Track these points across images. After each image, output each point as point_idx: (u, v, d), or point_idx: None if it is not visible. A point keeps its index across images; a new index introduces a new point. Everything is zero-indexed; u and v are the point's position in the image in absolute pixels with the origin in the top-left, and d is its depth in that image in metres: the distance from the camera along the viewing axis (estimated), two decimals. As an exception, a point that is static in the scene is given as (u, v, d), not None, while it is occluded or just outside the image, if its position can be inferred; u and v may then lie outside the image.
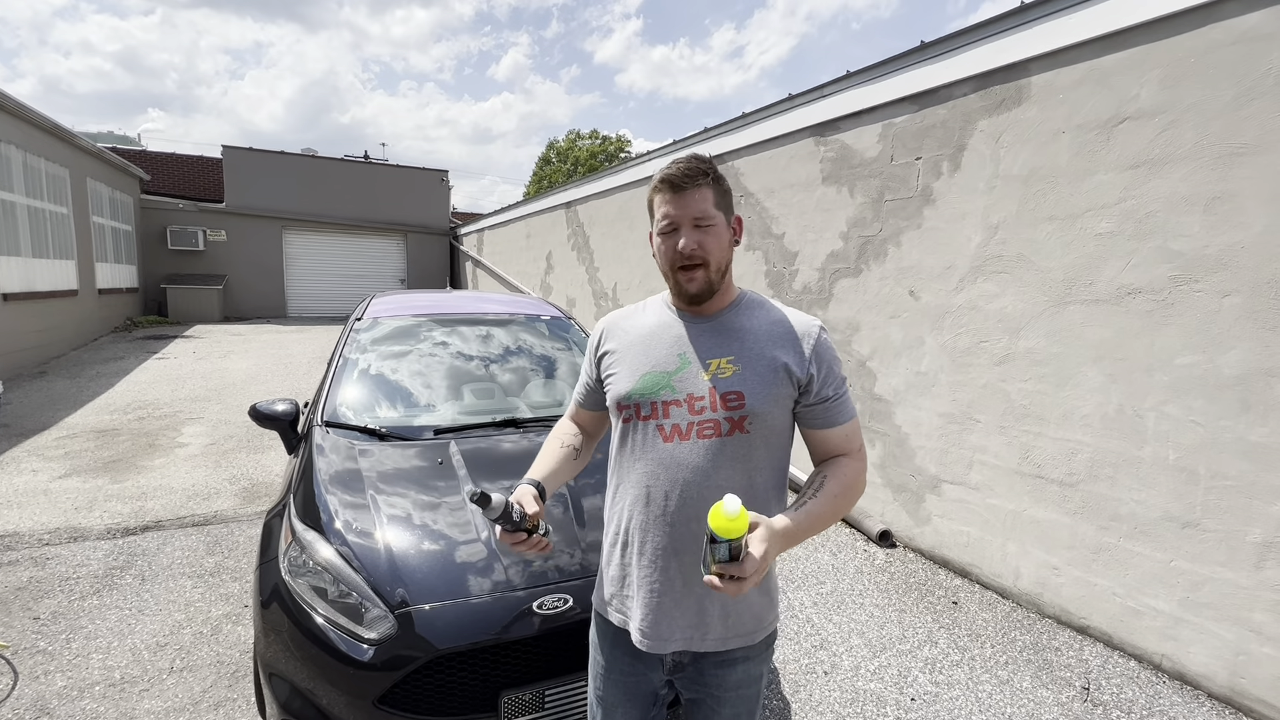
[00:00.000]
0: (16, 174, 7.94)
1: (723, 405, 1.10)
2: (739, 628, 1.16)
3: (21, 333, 7.77)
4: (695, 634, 1.14)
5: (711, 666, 1.17)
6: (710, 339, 1.16)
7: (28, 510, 3.76)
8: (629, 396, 1.17)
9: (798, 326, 1.16)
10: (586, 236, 8.54)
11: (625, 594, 1.19)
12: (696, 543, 1.11)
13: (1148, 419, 2.57)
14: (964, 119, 3.30)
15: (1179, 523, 2.49)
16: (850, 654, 2.66)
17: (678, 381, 1.14)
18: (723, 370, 1.12)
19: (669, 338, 1.19)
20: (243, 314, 14.96)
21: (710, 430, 1.11)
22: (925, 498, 3.58)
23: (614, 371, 1.22)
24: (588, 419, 1.38)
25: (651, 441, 1.14)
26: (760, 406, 1.10)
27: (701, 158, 1.14)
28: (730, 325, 1.17)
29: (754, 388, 1.11)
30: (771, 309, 1.20)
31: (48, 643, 2.52)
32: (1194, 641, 2.45)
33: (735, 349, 1.14)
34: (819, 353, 1.14)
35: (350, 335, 3.02)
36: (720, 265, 1.14)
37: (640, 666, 1.21)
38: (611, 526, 1.23)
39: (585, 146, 30.32)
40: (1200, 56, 2.39)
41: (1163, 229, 2.52)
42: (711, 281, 1.14)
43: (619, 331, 1.26)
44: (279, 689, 1.68)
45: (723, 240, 1.14)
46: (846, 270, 4.10)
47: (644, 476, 1.15)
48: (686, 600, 1.13)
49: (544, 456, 1.30)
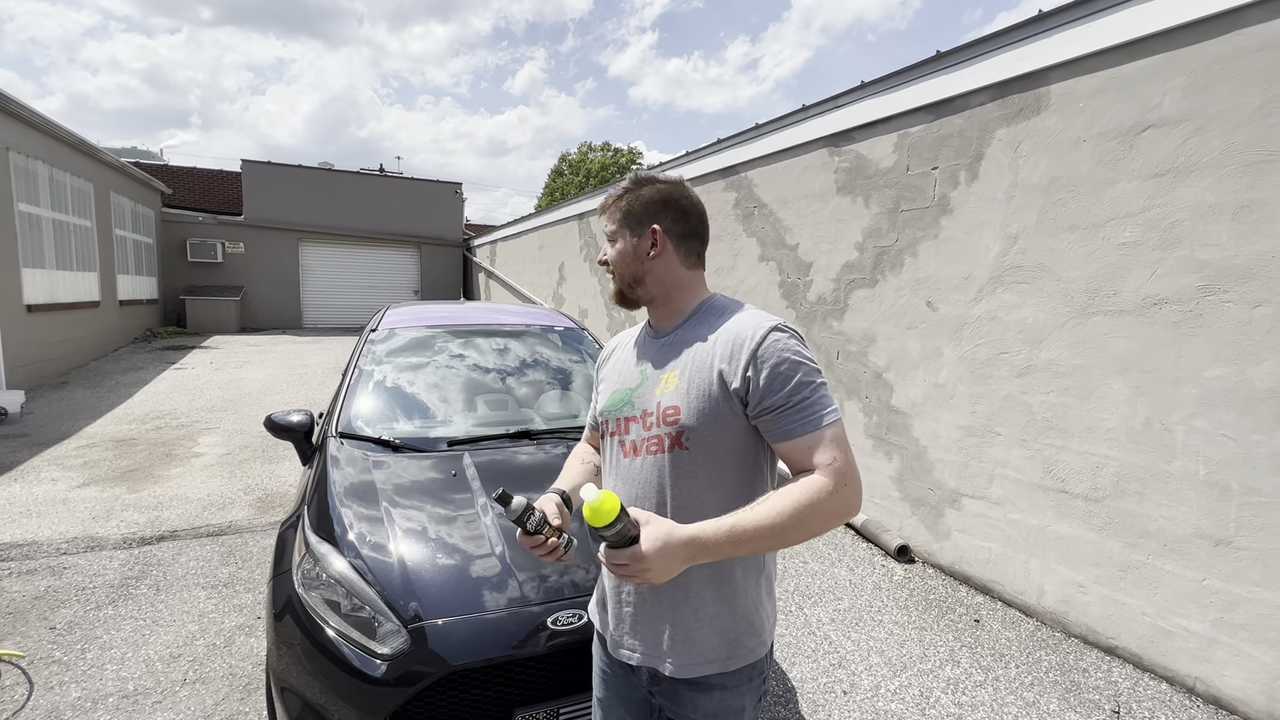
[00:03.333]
0: (43, 188, 8.13)
1: (663, 421, 1.10)
2: (707, 652, 1.09)
3: (44, 343, 7.91)
4: (653, 652, 1.12)
5: (685, 688, 1.11)
6: (664, 353, 1.17)
7: (46, 519, 3.80)
8: (602, 413, 1.24)
9: (742, 330, 1.07)
10: (599, 248, 8.56)
11: (602, 599, 1.24)
12: None
13: (1176, 433, 2.51)
14: (982, 128, 3.27)
15: (1211, 540, 2.41)
16: (870, 673, 2.59)
17: (638, 398, 1.16)
18: (668, 384, 1.12)
19: (636, 355, 1.24)
20: (259, 325, 15.15)
21: (655, 446, 1.11)
22: (944, 512, 3.51)
23: (599, 391, 1.31)
24: (597, 440, 1.39)
25: (616, 457, 1.18)
26: (693, 421, 1.05)
27: (619, 186, 1.22)
28: (682, 339, 1.16)
29: (689, 402, 1.07)
30: (727, 316, 1.12)
31: (63, 653, 2.52)
32: (1229, 664, 2.36)
33: (682, 363, 1.12)
34: (759, 356, 1.03)
35: (365, 346, 3.03)
36: (630, 275, 1.19)
37: (620, 671, 1.22)
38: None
39: (597, 159, 30.57)
40: (1225, 63, 2.35)
41: (1189, 238, 2.46)
42: (627, 286, 1.20)
43: (613, 351, 1.34)
44: (291, 703, 1.66)
45: (626, 253, 1.18)
46: (862, 281, 4.06)
47: (612, 490, 1.15)
48: (642, 613, 1.13)
49: (568, 471, 1.35)
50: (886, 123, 3.85)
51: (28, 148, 7.73)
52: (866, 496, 4.07)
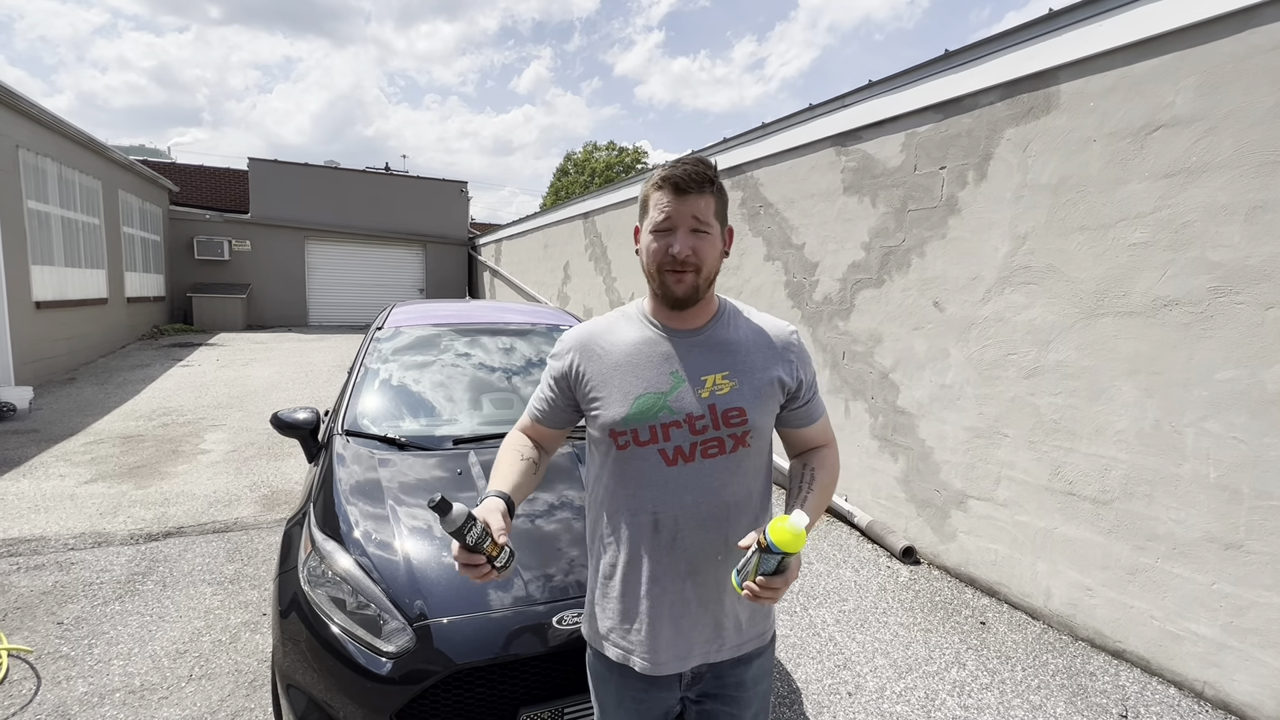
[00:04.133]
0: (52, 186, 8.18)
1: (724, 422, 1.09)
2: (751, 631, 1.19)
3: (52, 340, 7.96)
4: (712, 647, 1.15)
5: (729, 668, 1.18)
6: (702, 355, 1.13)
7: (55, 515, 3.82)
8: (625, 421, 1.10)
9: (780, 336, 1.19)
10: (604, 247, 8.56)
11: (631, 625, 1.14)
12: (710, 561, 1.11)
13: (1186, 435, 2.48)
14: (990, 128, 3.25)
15: (1221, 544, 2.39)
16: (875, 675, 2.58)
17: (674, 401, 1.10)
18: (720, 386, 1.11)
19: (656, 356, 1.13)
20: (265, 322, 15.21)
21: (715, 449, 1.10)
22: (950, 513, 3.49)
23: (599, 396, 1.13)
24: (546, 435, 1.27)
25: (654, 467, 1.10)
26: (760, 420, 1.13)
27: (707, 163, 1.10)
28: (719, 339, 1.15)
29: (753, 403, 1.11)
30: (750, 317, 1.21)
31: (70, 648, 2.54)
32: (1239, 669, 2.34)
33: (729, 364, 1.13)
34: (802, 358, 1.20)
35: (371, 344, 3.03)
36: (710, 274, 1.11)
37: (654, 690, 1.17)
38: (606, 558, 1.17)
39: (601, 158, 30.57)
40: (1239, 62, 2.32)
41: (1201, 239, 2.44)
42: (698, 288, 1.09)
43: (596, 351, 1.17)
44: (296, 700, 1.66)
45: (716, 249, 1.11)
46: (869, 281, 4.04)
47: (649, 503, 1.11)
48: (703, 618, 1.13)
49: (506, 467, 1.16)
50: (894, 122, 3.83)
51: (37, 145, 7.78)
52: (872, 497, 4.05)
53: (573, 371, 1.18)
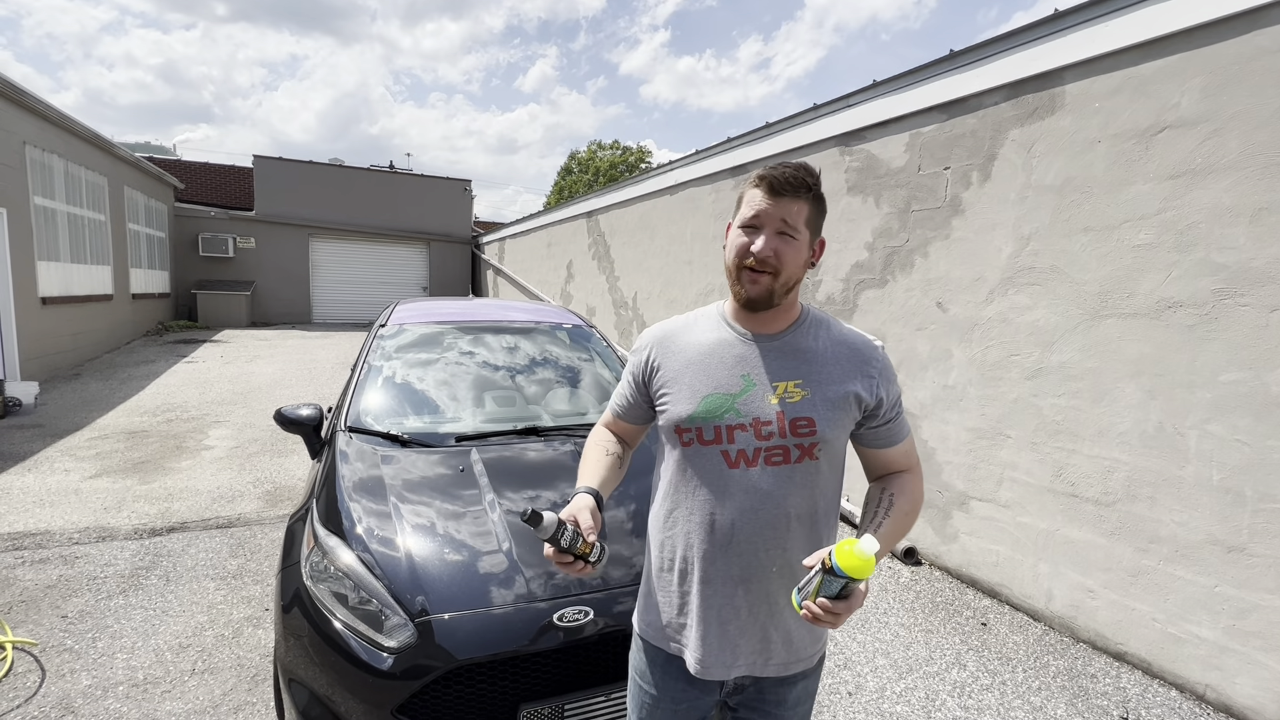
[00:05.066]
0: (58, 182, 8.22)
1: (792, 431, 1.07)
2: (800, 652, 1.15)
3: (58, 335, 8.00)
4: (759, 659, 1.13)
5: (772, 685, 1.17)
6: (776, 361, 1.11)
7: (59, 509, 3.84)
8: (690, 420, 1.11)
9: (862, 349, 1.14)
10: (608, 246, 8.56)
11: (682, 621, 1.15)
12: (763, 570, 1.10)
13: (1189, 437, 2.48)
14: (995, 128, 3.24)
15: (1224, 546, 2.38)
16: (875, 675, 2.58)
17: (742, 405, 1.09)
18: (791, 395, 1.08)
19: (730, 358, 1.13)
20: (269, 319, 15.26)
21: (779, 457, 1.07)
22: (952, 515, 3.49)
23: (669, 392, 1.15)
24: (627, 430, 1.31)
25: (715, 467, 1.10)
26: (830, 433, 1.08)
27: (809, 169, 1.08)
28: (796, 347, 1.12)
29: (825, 414, 1.08)
30: (834, 328, 1.16)
31: (74, 641, 2.55)
32: (1240, 672, 2.34)
33: (804, 372, 1.10)
34: (885, 375, 1.14)
35: (374, 341, 3.04)
36: (790, 280, 1.08)
37: (694, 692, 1.18)
38: (665, 551, 1.18)
39: (606, 157, 30.55)
40: (1245, 63, 2.32)
41: (1206, 240, 2.43)
42: (774, 292, 1.08)
43: (672, 348, 1.19)
44: (298, 695, 1.67)
45: (800, 256, 1.08)
46: (872, 281, 4.04)
47: (706, 503, 1.11)
48: (751, 627, 1.11)
49: (593, 463, 1.23)
50: (898, 122, 3.82)
51: (44, 142, 7.82)
52: (874, 498, 4.04)
53: (648, 366, 1.21)
